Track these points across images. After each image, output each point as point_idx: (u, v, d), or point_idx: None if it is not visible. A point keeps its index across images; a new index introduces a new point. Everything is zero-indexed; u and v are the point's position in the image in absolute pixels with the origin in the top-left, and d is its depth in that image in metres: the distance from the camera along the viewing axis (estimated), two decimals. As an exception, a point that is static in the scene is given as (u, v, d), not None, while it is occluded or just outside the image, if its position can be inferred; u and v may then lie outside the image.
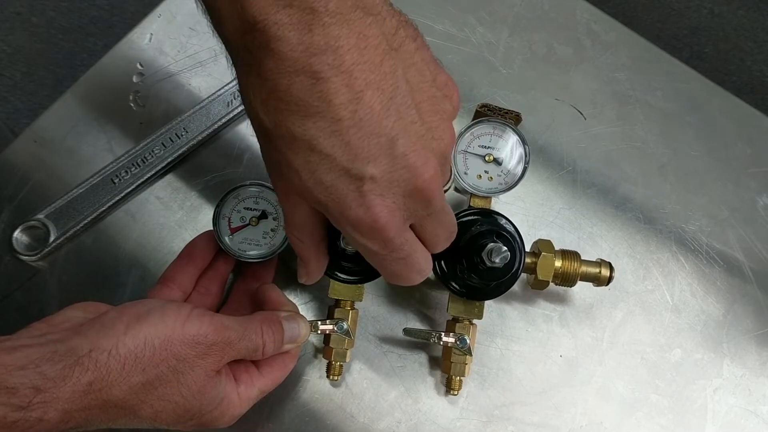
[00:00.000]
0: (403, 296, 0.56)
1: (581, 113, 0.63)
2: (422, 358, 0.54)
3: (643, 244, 0.58)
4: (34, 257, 0.55)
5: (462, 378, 0.51)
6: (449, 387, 0.52)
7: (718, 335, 0.56)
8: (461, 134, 0.51)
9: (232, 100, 0.60)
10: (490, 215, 0.50)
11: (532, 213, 0.58)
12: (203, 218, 0.57)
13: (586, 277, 0.51)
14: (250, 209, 0.51)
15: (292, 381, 0.53)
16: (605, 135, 0.62)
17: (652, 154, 0.61)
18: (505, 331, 0.55)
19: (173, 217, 0.58)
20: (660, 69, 0.65)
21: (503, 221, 0.50)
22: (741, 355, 0.56)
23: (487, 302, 0.52)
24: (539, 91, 0.63)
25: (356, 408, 0.53)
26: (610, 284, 0.52)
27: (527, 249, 0.51)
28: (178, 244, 0.56)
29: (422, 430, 0.52)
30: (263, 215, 0.51)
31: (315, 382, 0.53)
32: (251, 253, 0.51)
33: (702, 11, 1.60)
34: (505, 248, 0.45)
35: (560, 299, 0.56)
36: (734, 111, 0.64)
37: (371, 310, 0.55)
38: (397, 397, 0.53)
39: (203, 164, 0.59)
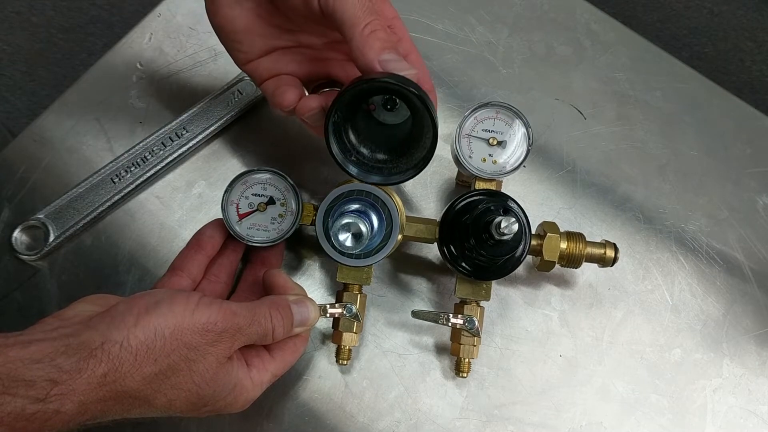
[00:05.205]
0: (409, 282, 0.56)
1: (581, 113, 0.63)
2: (422, 357, 0.54)
3: (642, 244, 0.58)
4: (33, 257, 0.55)
5: (471, 360, 0.51)
6: (459, 370, 0.52)
7: (718, 335, 0.56)
8: (465, 118, 0.52)
9: (232, 100, 0.60)
10: (496, 194, 0.51)
11: (532, 213, 0.58)
12: (203, 218, 0.57)
13: (592, 258, 0.51)
14: (258, 195, 0.51)
15: (293, 380, 0.53)
16: (605, 135, 0.62)
17: (652, 154, 0.61)
18: (505, 330, 0.55)
19: (173, 217, 0.58)
20: (660, 69, 0.65)
21: (509, 200, 0.50)
22: (741, 355, 0.56)
23: (486, 303, 0.52)
24: (539, 91, 0.63)
25: (356, 408, 0.53)
26: (614, 270, 0.51)
27: (533, 231, 0.52)
28: (178, 243, 0.56)
29: (422, 430, 0.52)
30: (271, 201, 0.51)
31: (315, 381, 0.53)
32: (259, 238, 0.51)
33: (702, 11, 1.60)
34: (513, 218, 0.45)
35: (560, 297, 0.56)
36: (734, 111, 0.64)
37: (377, 297, 0.55)
38: (397, 397, 0.53)
39: (203, 164, 0.59)
